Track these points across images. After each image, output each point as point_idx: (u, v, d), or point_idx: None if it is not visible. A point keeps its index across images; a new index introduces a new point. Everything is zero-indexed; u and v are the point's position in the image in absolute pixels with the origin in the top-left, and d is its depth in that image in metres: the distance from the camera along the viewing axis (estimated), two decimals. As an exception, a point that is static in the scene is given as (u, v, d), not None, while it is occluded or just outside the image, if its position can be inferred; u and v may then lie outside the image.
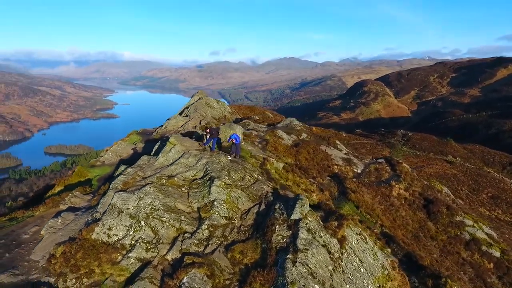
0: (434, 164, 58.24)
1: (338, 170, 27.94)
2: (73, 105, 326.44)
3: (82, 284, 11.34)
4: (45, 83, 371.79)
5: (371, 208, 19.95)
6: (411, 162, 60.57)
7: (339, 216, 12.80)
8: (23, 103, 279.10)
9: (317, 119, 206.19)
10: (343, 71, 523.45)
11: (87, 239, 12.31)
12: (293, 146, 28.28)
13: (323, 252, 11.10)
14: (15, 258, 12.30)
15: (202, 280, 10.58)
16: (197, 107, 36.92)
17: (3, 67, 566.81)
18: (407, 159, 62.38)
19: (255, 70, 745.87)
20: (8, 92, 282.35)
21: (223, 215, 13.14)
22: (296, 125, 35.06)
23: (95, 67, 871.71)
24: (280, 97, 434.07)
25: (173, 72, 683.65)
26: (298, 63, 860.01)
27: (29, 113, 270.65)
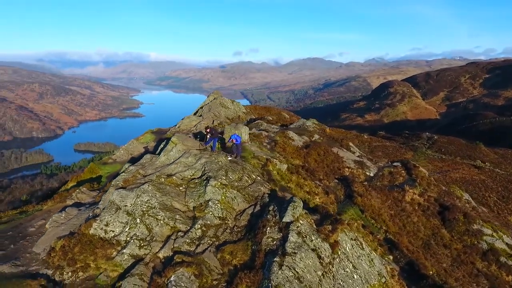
0: (460, 169, 55.72)
1: (349, 173, 27.28)
2: (101, 104, 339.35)
3: (78, 278, 11.72)
4: (75, 83, 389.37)
5: (378, 213, 19.30)
6: (435, 166, 58.20)
7: (334, 220, 12.47)
8: (56, 102, 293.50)
9: (340, 120, 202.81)
10: (368, 72, 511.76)
11: (85, 234, 12.71)
12: (303, 148, 27.90)
13: (312, 257, 10.85)
14: (19, 250, 12.92)
15: (189, 279, 10.63)
16: (211, 107, 37.27)
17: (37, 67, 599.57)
18: (431, 163, 60.01)
19: (277, 70, 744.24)
20: (42, 91, 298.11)
21: (217, 215, 13.16)
22: (309, 126, 34.57)
23: (122, 68, 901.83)
24: (303, 98, 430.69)
25: (196, 72, 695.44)
26: (322, 63, 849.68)
27: (61, 112, 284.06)
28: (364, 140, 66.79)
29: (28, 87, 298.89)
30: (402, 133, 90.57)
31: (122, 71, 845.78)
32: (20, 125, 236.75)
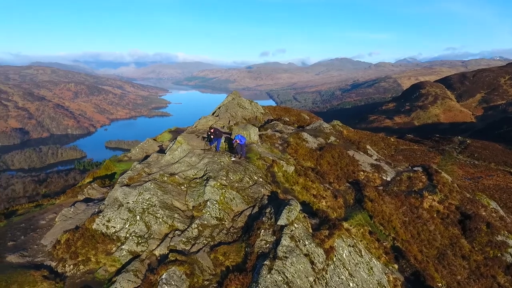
0: (494, 176, 52.61)
1: (364, 177, 26.46)
2: (131, 103, 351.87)
3: (79, 271, 12.16)
4: (108, 83, 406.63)
5: (388, 219, 18.51)
6: (466, 172, 55.20)
7: (332, 225, 12.09)
8: (89, 101, 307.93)
9: (368, 122, 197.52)
10: (399, 72, 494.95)
11: (88, 229, 13.17)
12: (317, 150, 27.38)
13: (304, 262, 10.58)
14: (28, 241, 13.60)
15: (180, 278, 10.71)
16: (228, 107, 37.50)
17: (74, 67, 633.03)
18: (462, 168, 57.00)
19: (304, 71, 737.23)
20: (77, 90, 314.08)
21: (214, 215, 13.19)
22: (325, 128, 33.86)
23: (152, 68, 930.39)
24: (330, 99, 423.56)
25: (223, 73, 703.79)
26: (350, 63, 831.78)
27: (94, 110, 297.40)
28: (390, 143, 64.58)
29: (64, 86, 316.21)
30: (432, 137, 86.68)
31: (152, 71, 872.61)
32: (56, 122, 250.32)
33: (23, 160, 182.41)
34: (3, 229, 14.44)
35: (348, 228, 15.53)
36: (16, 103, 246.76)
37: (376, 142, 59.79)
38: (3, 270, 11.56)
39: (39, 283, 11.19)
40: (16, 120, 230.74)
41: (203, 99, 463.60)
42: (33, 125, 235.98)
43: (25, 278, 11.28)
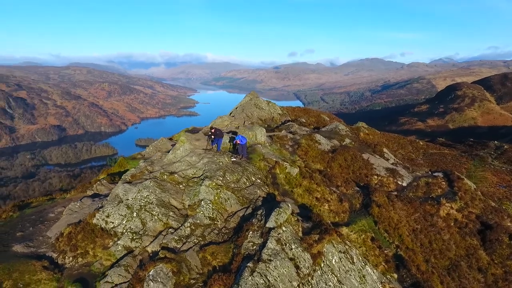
0: (534, 185, 49.01)
1: (378, 181, 25.58)
2: (161, 103, 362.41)
3: (77, 263, 12.72)
4: (139, 83, 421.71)
5: (394, 226, 17.72)
6: (502, 179, 51.73)
7: (323, 230, 11.78)
8: (122, 100, 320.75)
9: (398, 124, 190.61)
10: (434, 73, 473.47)
11: (88, 223, 13.73)
12: (329, 152, 26.82)
13: (288, 266, 10.40)
14: (35, 233, 14.40)
15: (166, 275, 10.91)
16: (245, 108, 37.64)
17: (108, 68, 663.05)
18: (497, 175, 53.50)
19: (333, 71, 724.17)
20: (111, 90, 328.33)
21: (207, 215, 13.29)
22: (341, 130, 33.04)
23: (182, 68, 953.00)
24: (359, 100, 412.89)
25: (250, 73, 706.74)
26: (381, 64, 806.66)
27: (126, 109, 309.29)
28: (419, 146, 61.87)
29: (99, 86, 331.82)
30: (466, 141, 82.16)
31: (181, 71, 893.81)
32: (91, 120, 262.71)
33: (60, 155, 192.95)
34: (15, 220, 15.41)
35: (347, 234, 15.11)
36: (55, 101, 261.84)
37: (404, 145, 57.48)
38: (8, 259, 12.33)
39: (38, 273, 11.83)
40: (55, 117, 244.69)
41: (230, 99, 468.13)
42: (70, 122, 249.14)
43: (26, 268, 11.96)
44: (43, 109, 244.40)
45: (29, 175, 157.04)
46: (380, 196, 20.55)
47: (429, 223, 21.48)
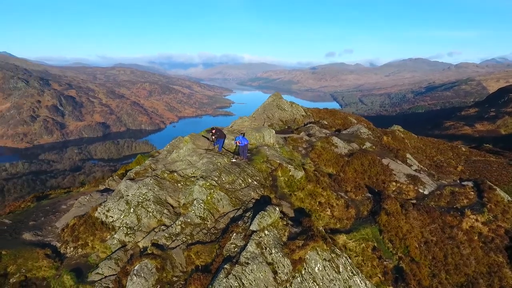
0: None
1: (396, 188, 24.32)
2: (198, 102, 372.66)
3: (77, 253, 13.49)
4: (178, 83, 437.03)
5: (402, 236, 16.68)
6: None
7: (310, 236, 11.42)
8: (161, 99, 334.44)
9: (442, 129, 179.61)
10: (485, 74, 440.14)
11: (91, 216, 14.50)
12: (345, 156, 25.94)
13: (265, 270, 10.23)
14: (45, 222, 15.49)
15: (150, 271, 11.22)
16: (266, 109, 37.59)
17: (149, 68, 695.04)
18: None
19: (373, 72, 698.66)
20: (151, 89, 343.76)
21: (199, 214, 13.45)
22: (363, 133, 31.80)
23: (219, 69, 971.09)
24: (400, 102, 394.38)
25: (286, 74, 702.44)
26: (425, 64, 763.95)
27: (165, 108, 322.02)
28: (461, 152, 57.92)
29: (140, 85, 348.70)
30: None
31: (218, 72, 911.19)
32: (132, 118, 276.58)
33: (103, 151, 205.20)
34: (31, 210, 16.69)
35: (344, 242, 14.53)
36: (101, 100, 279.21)
37: (443, 151, 54.03)
38: (16, 245, 13.39)
39: (40, 260, 12.72)
40: (100, 115, 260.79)
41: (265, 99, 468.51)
42: (113, 120, 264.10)
43: (30, 255, 12.91)
44: (90, 107, 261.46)
45: (76, 168, 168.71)
46: (391, 204, 19.51)
47: (447, 235, 20.03)
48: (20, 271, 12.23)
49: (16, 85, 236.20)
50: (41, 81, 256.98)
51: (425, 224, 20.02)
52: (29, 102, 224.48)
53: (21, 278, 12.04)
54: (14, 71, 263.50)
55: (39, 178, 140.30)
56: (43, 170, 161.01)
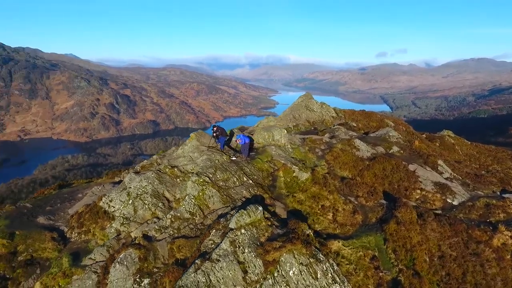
0: None
1: (420, 196, 22.54)
2: (243, 102, 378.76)
3: (80, 239, 14.51)
4: (224, 83, 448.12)
5: (410, 248, 15.32)
6: None
7: (289, 238, 11.03)
8: (208, 99, 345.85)
9: (508, 136, 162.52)
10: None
11: (96, 205, 15.49)
12: (366, 159, 24.61)
13: (235, 269, 10.11)
14: (60, 209, 16.85)
15: (133, 260, 11.71)
16: (293, 109, 37.06)
17: (198, 69, 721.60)
18: None
19: (428, 73, 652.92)
20: (199, 89, 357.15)
21: (188, 209, 13.69)
22: (391, 136, 29.87)
23: (264, 70, 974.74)
24: (459, 106, 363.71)
25: (334, 74, 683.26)
26: (490, 64, 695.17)
27: (211, 108, 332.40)
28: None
29: (189, 85, 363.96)
30: None
31: (264, 72, 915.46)
32: (180, 117, 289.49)
33: (153, 147, 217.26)
34: (52, 196, 18.28)
35: (339, 248, 13.78)
36: (152, 99, 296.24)
37: (502, 160, 48.92)
38: (29, 227, 14.76)
39: (46, 242, 13.89)
40: (151, 113, 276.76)
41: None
42: (163, 118, 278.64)
43: (39, 236, 14.16)
44: (142, 105, 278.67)
45: (128, 163, 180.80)
46: (405, 212, 18.10)
47: (471, 251, 18.11)
48: (27, 250, 13.49)
49: (79, 84, 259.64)
50: (101, 81, 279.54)
51: (445, 237, 18.31)
52: (90, 100, 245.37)
53: (27, 257, 13.27)
54: (78, 71, 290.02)
55: (96, 170, 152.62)
56: (99, 163, 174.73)
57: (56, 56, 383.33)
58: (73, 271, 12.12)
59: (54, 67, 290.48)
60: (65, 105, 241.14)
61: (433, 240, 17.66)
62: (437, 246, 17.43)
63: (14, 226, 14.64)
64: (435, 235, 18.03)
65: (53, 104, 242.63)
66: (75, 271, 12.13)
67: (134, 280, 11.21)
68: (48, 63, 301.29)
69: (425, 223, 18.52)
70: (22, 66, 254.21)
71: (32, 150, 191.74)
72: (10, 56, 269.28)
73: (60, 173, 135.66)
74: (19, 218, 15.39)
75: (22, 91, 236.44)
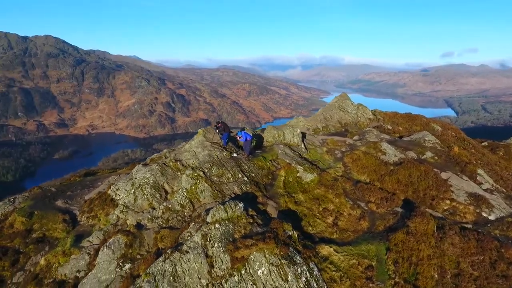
0: None
1: (449, 208, 20.38)
2: (294, 104, 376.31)
3: (88, 223, 15.71)
4: (275, 84, 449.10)
5: (415, 261, 13.80)
6: None
7: (263, 237, 10.71)
8: (258, 100, 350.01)
9: None
10: None
11: (105, 193, 16.64)
12: (392, 164, 22.89)
13: (202, 262, 10.14)
14: (78, 194, 18.38)
15: (119, 245, 12.39)
16: (326, 109, 35.89)
17: (250, 70, 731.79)
18: None
19: (503, 75, 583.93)
20: (250, 90, 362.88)
21: (180, 202, 14.01)
22: (427, 141, 27.28)
23: (317, 71, 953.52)
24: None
25: (392, 76, 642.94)
26: None
27: (261, 108, 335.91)
28: None
29: (240, 86, 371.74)
30: None
31: (316, 74, 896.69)
32: (231, 116, 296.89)
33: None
34: (76, 183, 20.02)
35: (329, 253, 13.01)
36: (205, 98, 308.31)
37: None
38: (47, 209, 16.36)
39: (57, 223, 15.29)
40: (204, 112, 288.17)
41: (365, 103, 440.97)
42: (214, 117, 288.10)
43: (53, 218, 15.62)
44: (195, 104, 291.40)
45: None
46: (420, 223, 16.44)
47: (499, 272, 15.93)
48: (41, 229, 14.99)
49: (140, 84, 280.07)
50: (159, 81, 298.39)
51: (467, 254, 16.36)
52: (149, 98, 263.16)
53: (40, 235, 14.74)
54: (140, 72, 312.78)
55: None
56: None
57: (121, 57, 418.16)
58: (71, 251, 13.19)
59: (119, 68, 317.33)
60: (127, 103, 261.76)
61: (450, 256, 16.01)
62: (454, 263, 15.75)
63: (35, 206, 16.38)
64: (455, 250, 16.30)
65: (117, 102, 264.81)
66: (74, 251, 13.18)
67: (117, 264, 11.87)
68: (114, 64, 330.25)
69: (444, 236, 16.83)
70: (92, 67, 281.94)
71: (97, 143, 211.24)
72: (82, 58, 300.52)
73: (120, 166, 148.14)
74: (42, 200, 17.16)
75: (92, 90, 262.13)
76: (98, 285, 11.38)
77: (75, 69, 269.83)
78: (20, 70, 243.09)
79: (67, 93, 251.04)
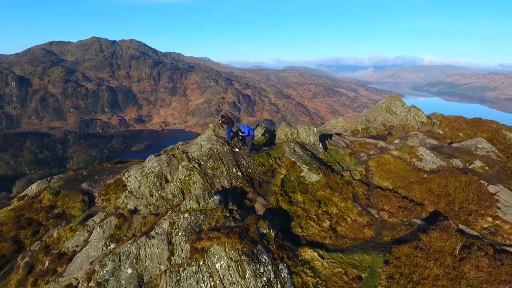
0: None
1: (490, 226, 17.42)
2: (362, 106, 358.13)
3: (102, 204, 17.19)
4: (343, 86, 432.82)
5: (416, 279, 11.86)
6: None
7: (231, 232, 10.44)
8: (324, 101, 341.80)
9: None
10: None
11: (120, 179, 17.99)
12: (427, 172, 20.35)
13: (163, 249, 10.36)
14: (103, 179, 20.15)
15: (111, 226, 13.34)
16: (370, 111, 33.52)
17: (317, 71, 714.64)
18: None
19: None
20: (316, 91, 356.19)
21: (172, 191, 14.44)
22: (480, 149, 23.44)
23: (391, 72, 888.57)
24: None
25: (480, 78, 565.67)
26: None
27: (326, 110, 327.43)
28: None
29: (306, 87, 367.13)
30: None
31: (390, 75, 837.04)
32: (295, 118, 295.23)
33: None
34: (105, 169, 22.01)
35: (312, 257, 12.06)
36: (270, 99, 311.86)
37: None
38: (72, 189, 18.33)
39: (76, 203, 17.05)
40: (268, 112, 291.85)
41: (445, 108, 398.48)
42: (278, 118, 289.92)
43: (74, 197, 17.46)
44: (260, 105, 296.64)
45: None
46: (438, 238, 14.26)
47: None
48: (62, 206, 16.88)
49: (209, 84, 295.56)
50: (227, 81, 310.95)
51: (496, 281, 13.84)
52: (216, 98, 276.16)
53: (60, 211, 16.61)
54: (209, 72, 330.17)
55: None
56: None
57: (193, 59, 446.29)
58: (77, 228, 14.62)
59: (191, 68, 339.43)
60: (196, 102, 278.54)
61: (471, 281, 13.91)
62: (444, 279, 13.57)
63: (64, 186, 18.52)
64: (480, 274, 14.12)
65: (188, 101, 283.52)
66: (79, 228, 14.60)
67: (105, 242, 12.79)
68: (187, 65, 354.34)
69: (468, 256, 14.65)
70: (167, 68, 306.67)
71: (169, 139, 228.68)
72: (160, 60, 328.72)
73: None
74: (71, 182, 19.31)
75: (166, 89, 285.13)
76: (86, 260, 12.44)
77: (153, 69, 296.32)
78: (108, 71, 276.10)
79: (145, 91, 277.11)
